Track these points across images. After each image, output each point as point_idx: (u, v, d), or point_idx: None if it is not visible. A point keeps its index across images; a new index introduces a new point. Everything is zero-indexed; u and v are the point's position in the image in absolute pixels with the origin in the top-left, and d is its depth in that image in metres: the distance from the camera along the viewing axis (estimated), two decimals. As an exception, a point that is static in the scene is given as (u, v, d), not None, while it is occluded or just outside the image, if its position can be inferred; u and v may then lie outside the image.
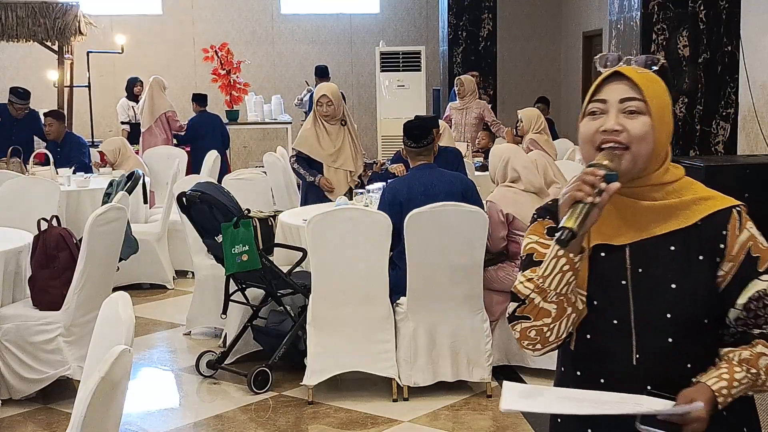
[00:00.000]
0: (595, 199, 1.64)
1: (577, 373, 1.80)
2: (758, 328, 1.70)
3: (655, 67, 1.79)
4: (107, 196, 6.19)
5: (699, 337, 1.72)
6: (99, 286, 4.59)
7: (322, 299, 4.57)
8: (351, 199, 5.66)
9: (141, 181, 6.40)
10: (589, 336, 1.77)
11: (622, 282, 1.74)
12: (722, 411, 1.67)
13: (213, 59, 11.04)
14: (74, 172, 7.36)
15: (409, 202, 4.58)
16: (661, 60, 1.84)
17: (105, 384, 1.98)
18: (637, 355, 1.72)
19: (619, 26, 6.49)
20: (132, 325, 2.22)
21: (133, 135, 10.16)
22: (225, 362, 4.99)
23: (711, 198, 1.74)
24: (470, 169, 6.83)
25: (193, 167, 8.61)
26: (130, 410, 4.48)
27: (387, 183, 5.22)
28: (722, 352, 1.72)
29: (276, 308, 5.00)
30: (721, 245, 1.71)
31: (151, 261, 6.93)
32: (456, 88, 9.18)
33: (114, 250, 4.74)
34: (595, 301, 1.75)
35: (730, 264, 1.71)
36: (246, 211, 4.74)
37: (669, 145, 1.77)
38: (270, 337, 4.95)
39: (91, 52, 11.05)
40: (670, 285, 1.71)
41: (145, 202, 7.00)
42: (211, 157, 7.82)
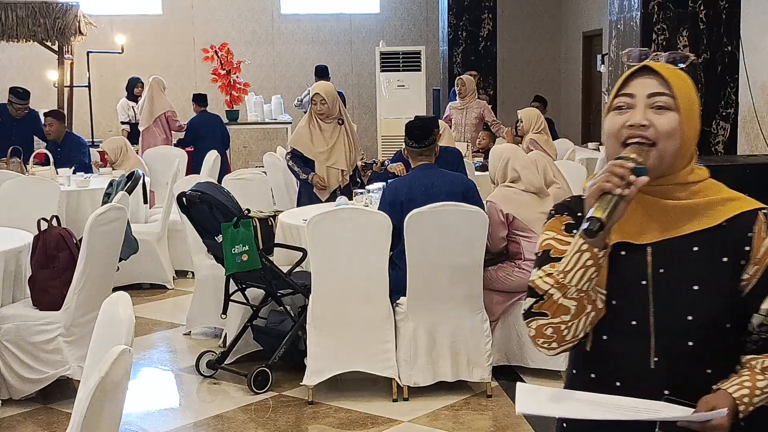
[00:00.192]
0: (624, 191, 1.58)
1: (591, 376, 1.74)
2: None
3: (682, 64, 1.75)
4: (107, 196, 6.19)
5: (720, 342, 1.66)
6: (99, 286, 4.59)
7: (322, 299, 4.57)
8: (351, 199, 5.66)
9: (141, 181, 6.40)
10: (605, 337, 1.71)
11: (642, 282, 1.68)
12: (741, 421, 1.62)
13: (213, 59, 11.04)
14: (74, 172, 7.36)
15: (409, 202, 4.58)
16: (691, 57, 1.78)
17: (105, 384, 1.98)
18: (656, 359, 1.66)
19: (619, 26, 6.48)
20: (132, 325, 2.22)
21: (133, 135, 10.16)
22: (225, 362, 4.99)
23: (737, 199, 1.70)
24: (470, 169, 6.83)
25: (193, 167, 8.61)
26: (130, 410, 4.47)
27: (387, 183, 5.22)
28: (744, 360, 1.67)
29: (276, 308, 5.00)
30: (747, 247, 1.66)
31: (151, 261, 6.93)
32: (457, 88, 9.18)
33: (114, 250, 4.74)
34: (613, 301, 1.69)
35: (755, 267, 1.66)
36: (246, 211, 4.74)
37: (696, 144, 1.72)
38: (270, 337, 4.95)
39: (91, 52, 11.05)
40: (692, 286, 1.65)
41: (145, 202, 6.99)
42: (211, 157, 7.82)
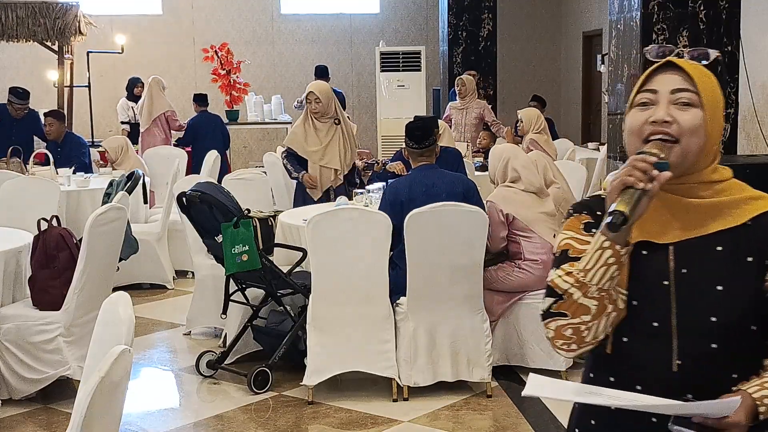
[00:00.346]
0: (647, 186, 1.54)
1: (610, 379, 1.68)
2: None
3: (706, 60, 1.70)
4: (107, 196, 6.19)
5: (745, 344, 1.62)
6: (99, 286, 4.59)
7: (322, 299, 4.57)
8: (351, 199, 5.66)
9: (141, 181, 6.40)
10: (625, 339, 1.66)
11: (665, 282, 1.64)
12: (763, 423, 1.58)
13: (213, 59, 11.05)
14: (74, 172, 7.36)
15: (410, 202, 4.58)
16: (716, 53, 1.73)
17: (105, 384, 1.98)
18: (678, 361, 1.61)
19: (619, 26, 6.48)
20: (132, 325, 2.22)
21: (133, 135, 10.17)
22: (225, 362, 4.99)
23: (762, 198, 1.66)
24: (470, 169, 6.84)
25: (193, 167, 8.61)
26: (130, 410, 4.48)
27: (388, 183, 5.22)
28: (767, 362, 1.64)
29: (276, 308, 5.00)
30: None
31: (151, 261, 6.93)
32: (457, 88, 9.18)
33: (114, 250, 4.74)
34: (634, 302, 1.64)
35: None
36: (246, 211, 4.74)
37: (719, 143, 1.68)
38: (270, 337, 4.95)
39: (91, 52, 11.05)
40: (715, 287, 1.61)
41: (145, 202, 7.00)
42: (211, 157, 7.82)
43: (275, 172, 7.41)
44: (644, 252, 1.65)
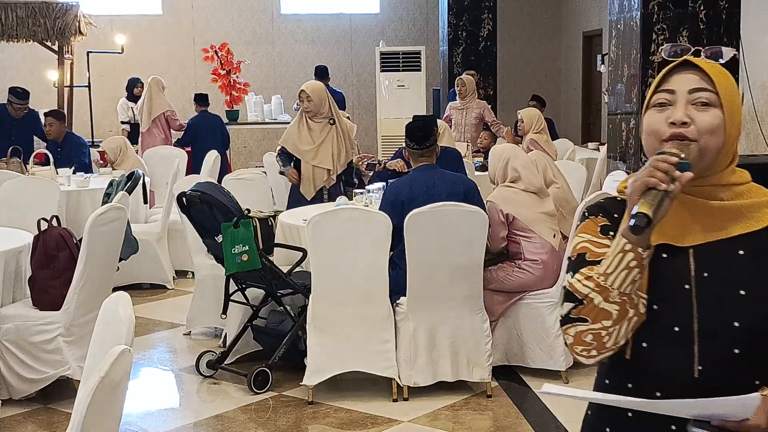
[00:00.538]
0: (669, 187, 1.50)
1: (628, 386, 1.64)
2: None
3: (722, 59, 1.68)
4: (107, 196, 6.19)
5: None
6: (99, 286, 4.59)
7: (322, 299, 4.57)
8: (351, 199, 5.66)
9: (141, 181, 6.40)
10: (645, 344, 1.61)
11: (686, 286, 1.60)
12: None
13: (213, 59, 11.05)
14: (74, 172, 7.36)
15: (410, 202, 4.58)
16: (732, 51, 1.71)
17: (105, 384, 1.98)
18: (699, 367, 1.58)
19: (619, 26, 6.48)
20: (132, 325, 2.21)
21: (133, 135, 10.16)
22: (225, 362, 4.99)
23: None
24: (470, 169, 6.84)
25: (193, 167, 8.61)
26: (130, 410, 4.47)
27: (388, 183, 5.22)
28: None
29: (276, 308, 5.00)
30: None
31: (151, 261, 6.93)
32: (457, 89, 9.18)
33: (114, 250, 4.74)
34: (654, 306, 1.60)
35: None
36: (246, 211, 4.74)
37: (737, 144, 1.66)
38: (270, 337, 4.95)
39: (91, 52, 11.05)
40: (738, 291, 1.58)
41: (145, 202, 7.00)
42: (211, 157, 7.82)
43: (275, 172, 7.41)
44: (664, 255, 1.62)
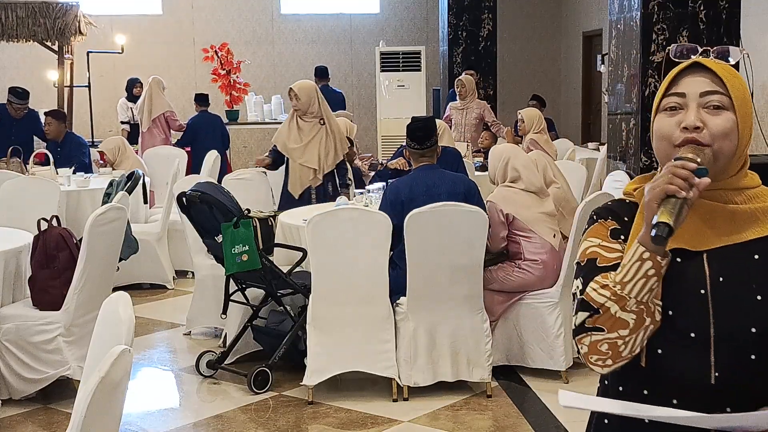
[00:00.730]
0: (688, 194, 1.48)
1: (644, 393, 1.60)
2: None
3: (731, 59, 1.64)
4: (107, 196, 6.19)
5: None
6: (99, 286, 4.59)
7: (322, 299, 4.57)
8: (350, 199, 5.66)
9: (141, 181, 6.40)
10: (660, 351, 1.58)
11: (701, 291, 1.57)
12: None
13: (213, 59, 11.04)
14: (74, 172, 7.36)
15: (410, 201, 4.58)
16: (743, 50, 1.69)
17: (105, 384, 1.98)
18: (716, 373, 1.54)
19: (619, 26, 6.48)
20: (132, 325, 2.21)
21: (132, 135, 10.16)
22: (225, 362, 4.99)
23: None
24: (470, 169, 6.84)
25: (193, 167, 8.61)
26: (130, 410, 4.48)
27: (388, 182, 5.22)
28: None
29: (276, 308, 5.00)
30: None
31: (151, 261, 6.93)
32: (457, 89, 9.18)
33: (114, 250, 4.74)
34: (669, 311, 1.57)
35: None
36: (246, 211, 4.74)
37: (748, 147, 1.63)
38: (270, 337, 4.95)
39: (91, 52, 11.05)
40: (755, 296, 1.55)
41: (145, 202, 7.00)
42: (211, 157, 7.82)
43: (275, 172, 7.41)
44: (678, 259, 1.59)
